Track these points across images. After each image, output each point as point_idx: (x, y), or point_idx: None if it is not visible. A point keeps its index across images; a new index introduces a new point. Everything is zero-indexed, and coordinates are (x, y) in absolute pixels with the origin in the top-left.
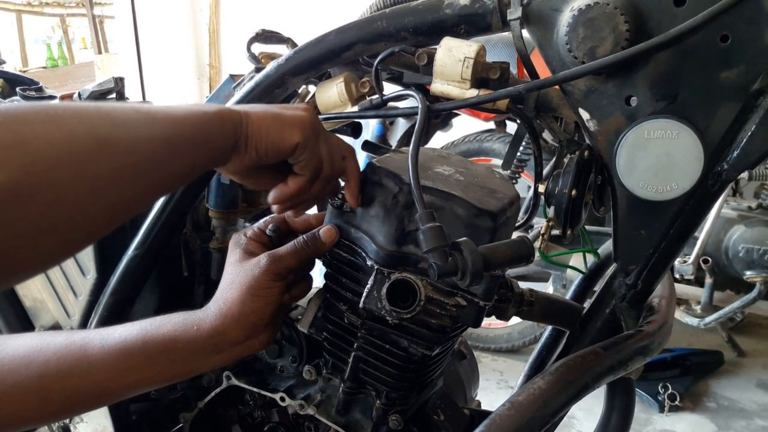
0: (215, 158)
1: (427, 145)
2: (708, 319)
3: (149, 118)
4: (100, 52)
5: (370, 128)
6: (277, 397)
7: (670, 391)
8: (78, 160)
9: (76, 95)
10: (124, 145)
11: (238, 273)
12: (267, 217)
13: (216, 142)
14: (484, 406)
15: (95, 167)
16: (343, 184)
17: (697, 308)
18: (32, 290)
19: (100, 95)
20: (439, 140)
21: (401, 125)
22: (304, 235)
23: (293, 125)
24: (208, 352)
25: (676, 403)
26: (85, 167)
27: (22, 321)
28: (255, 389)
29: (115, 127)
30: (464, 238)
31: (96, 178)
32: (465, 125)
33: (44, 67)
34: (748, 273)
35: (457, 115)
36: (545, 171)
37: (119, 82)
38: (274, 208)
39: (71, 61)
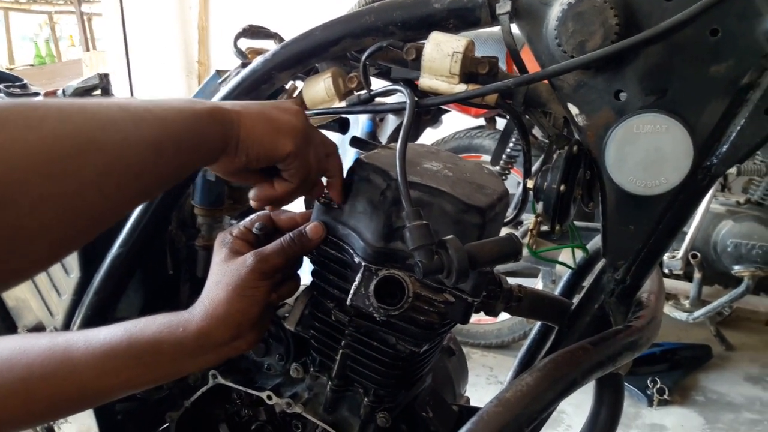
0: (204, 159)
1: (418, 141)
2: (696, 313)
3: (137, 117)
4: (88, 50)
5: (360, 124)
6: (264, 395)
7: (659, 385)
8: (60, 164)
9: (60, 92)
10: (110, 147)
11: (224, 273)
12: (253, 216)
13: (206, 143)
14: (474, 402)
15: (79, 171)
16: (326, 181)
17: (686, 303)
18: (15, 290)
19: (84, 92)
20: (429, 137)
21: (391, 121)
22: (290, 233)
23: (287, 133)
24: (195, 353)
25: (665, 397)
26: (67, 172)
27: (5, 321)
28: (241, 388)
29: (101, 129)
30: (450, 236)
31: (79, 183)
32: (455, 122)
33: (32, 65)
34: (737, 267)
35: (446, 111)
36: (534, 167)
37: (104, 78)
38: (254, 204)
39: (59, 59)
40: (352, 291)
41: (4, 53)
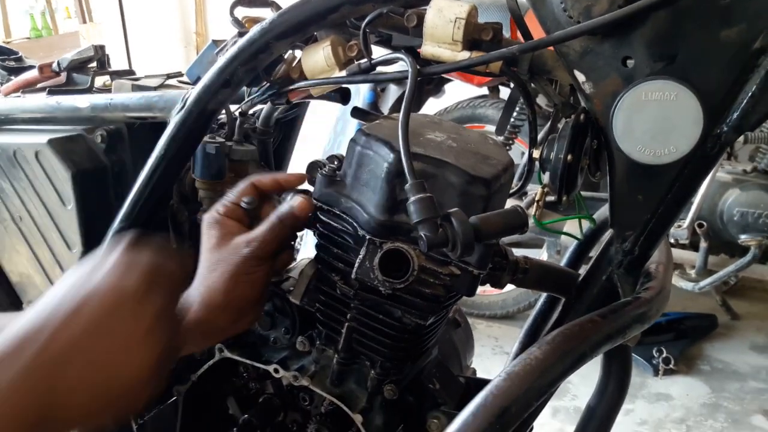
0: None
1: (421, 111)
2: (702, 283)
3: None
4: (84, 22)
5: (361, 95)
6: (270, 368)
7: (664, 355)
8: None
9: (55, 64)
10: None
11: (218, 260)
12: (237, 188)
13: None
14: (480, 372)
15: None
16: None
17: (692, 272)
18: (18, 266)
19: (80, 64)
20: (431, 107)
21: (393, 92)
22: (279, 214)
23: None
24: (196, 339)
25: (671, 366)
26: None
27: (10, 297)
28: (248, 361)
29: None
30: (455, 209)
31: None
32: (458, 91)
33: (28, 38)
34: (743, 237)
35: (449, 80)
36: (539, 136)
37: (99, 50)
38: None
39: (55, 31)
40: (356, 264)
41: (1, 27)
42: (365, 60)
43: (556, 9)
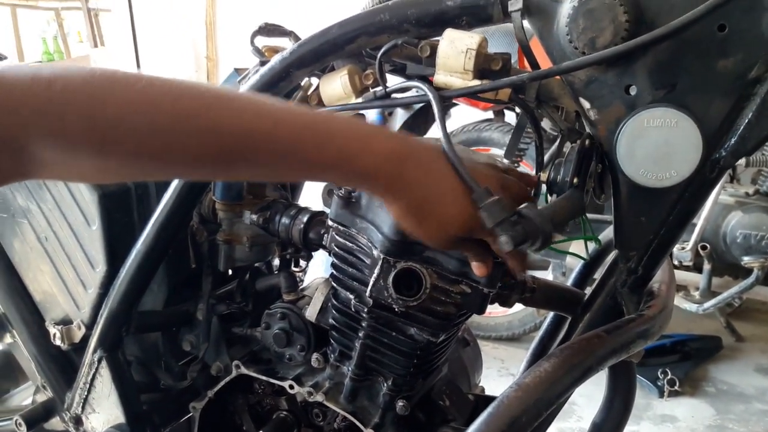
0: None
1: (427, 135)
2: (707, 304)
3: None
4: (96, 46)
5: (369, 120)
6: (285, 385)
7: (669, 377)
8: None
9: None
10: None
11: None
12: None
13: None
14: (487, 393)
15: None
16: None
17: (696, 294)
18: (42, 284)
19: None
20: (437, 130)
21: (400, 115)
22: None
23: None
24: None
25: (676, 388)
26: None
27: (33, 315)
28: (264, 378)
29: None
30: (525, 204)
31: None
32: (463, 115)
33: (40, 62)
34: (746, 258)
35: (455, 104)
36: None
37: None
38: None
39: (67, 56)
40: (371, 283)
41: (13, 50)
42: (380, 88)
43: (562, 40)
